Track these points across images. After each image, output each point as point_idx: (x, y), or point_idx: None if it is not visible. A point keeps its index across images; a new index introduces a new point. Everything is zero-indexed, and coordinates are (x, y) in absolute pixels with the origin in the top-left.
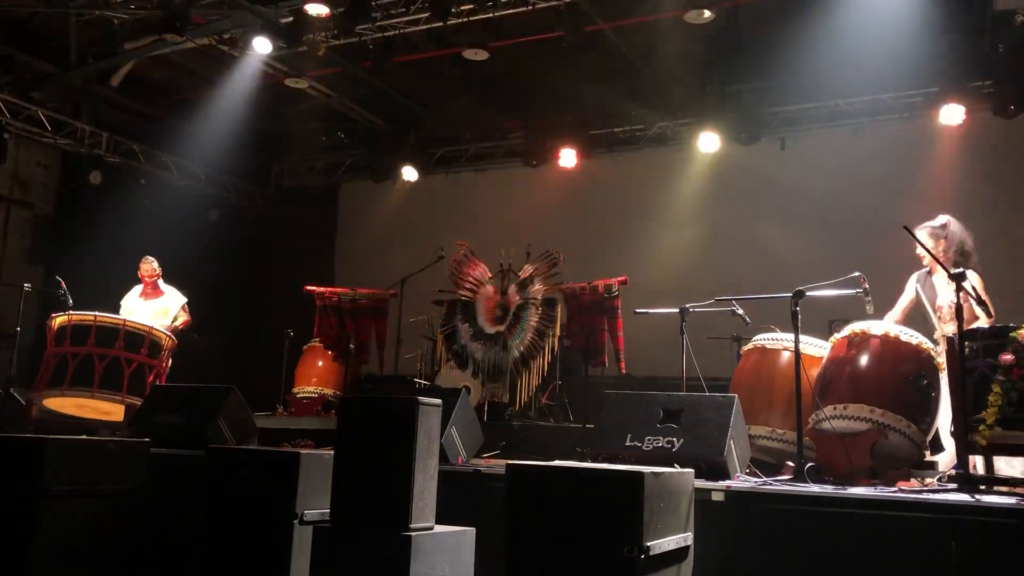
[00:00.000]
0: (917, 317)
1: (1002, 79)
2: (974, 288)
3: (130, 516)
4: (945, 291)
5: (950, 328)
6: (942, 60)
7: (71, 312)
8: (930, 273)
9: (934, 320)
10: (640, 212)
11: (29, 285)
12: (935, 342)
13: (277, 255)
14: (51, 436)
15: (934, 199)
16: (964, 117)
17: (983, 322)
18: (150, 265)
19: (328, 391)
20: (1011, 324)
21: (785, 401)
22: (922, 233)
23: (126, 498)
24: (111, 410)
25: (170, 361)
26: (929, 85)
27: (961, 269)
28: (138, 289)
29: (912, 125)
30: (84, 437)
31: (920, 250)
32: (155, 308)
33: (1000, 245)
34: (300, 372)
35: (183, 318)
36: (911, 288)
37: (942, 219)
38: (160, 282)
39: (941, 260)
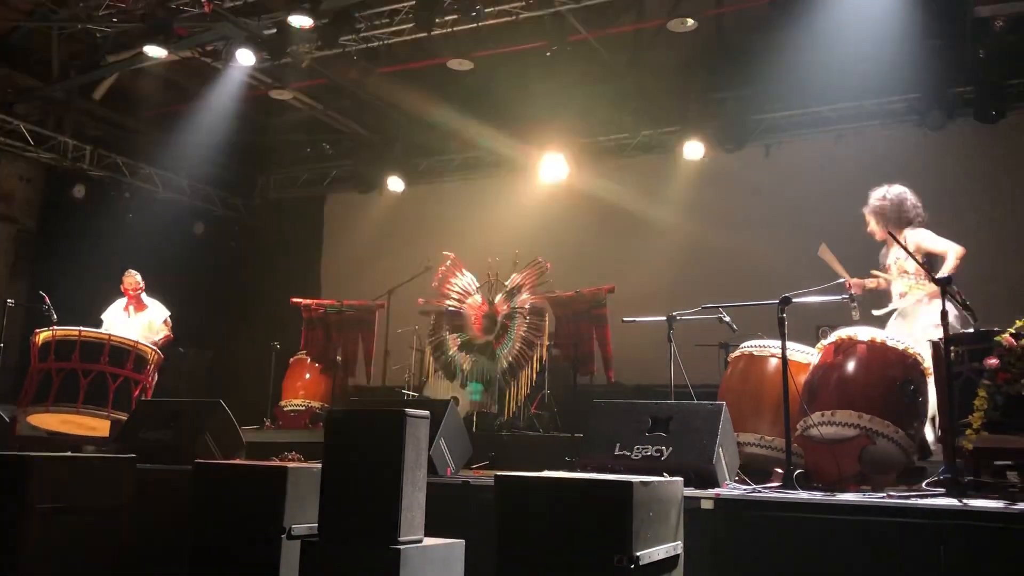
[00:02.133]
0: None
1: (983, 84)
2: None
3: (116, 533)
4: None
5: (900, 283)
6: (924, 66)
7: (55, 327)
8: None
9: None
10: (626, 220)
11: (12, 301)
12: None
13: (263, 267)
14: (35, 453)
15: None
16: (946, 123)
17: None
18: (133, 278)
19: (315, 404)
20: (995, 328)
21: (773, 408)
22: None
23: (112, 515)
24: (96, 426)
25: (156, 376)
26: (911, 91)
27: (947, 274)
28: (121, 303)
29: (895, 131)
30: (69, 454)
31: (872, 226)
32: (139, 322)
33: (983, 248)
34: (287, 385)
35: (164, 333)
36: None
37: (880, 191)
38: (143, 296)
39: (889, 229)
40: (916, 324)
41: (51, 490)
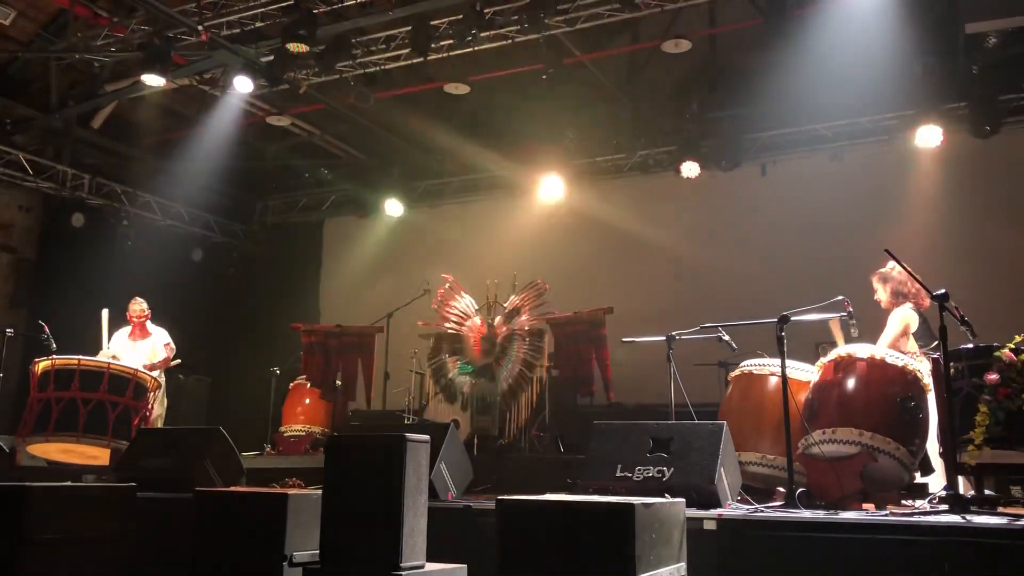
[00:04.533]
0: None
1: (976, 100)
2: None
3: (117, 562)
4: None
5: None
6: (917, 83)
7: (55, 356)
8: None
9: None
10: (624, 240)
11: (12, 330)
12: None
13: (262, 293)
14: (35, 483)
15: (914, 219)
16: (942, 138)
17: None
18: (139, 306)
19: (316, 429)
20: (995, 344)
21: (774, 426)
22: (874, 280)
23: (113, 544)
24: (96, 454)
25: (166, 401)
26: (905, 108)
27: (943, 291)
28: (126, 330)
29: (890, 147)
30: (69, 483)
31: (877, 295)
32: (143, 349)
33: (979, 262)
34: (287, 410)
35: (164, 354)
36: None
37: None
38: (148, 323)
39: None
40: None
41: (50, 521)
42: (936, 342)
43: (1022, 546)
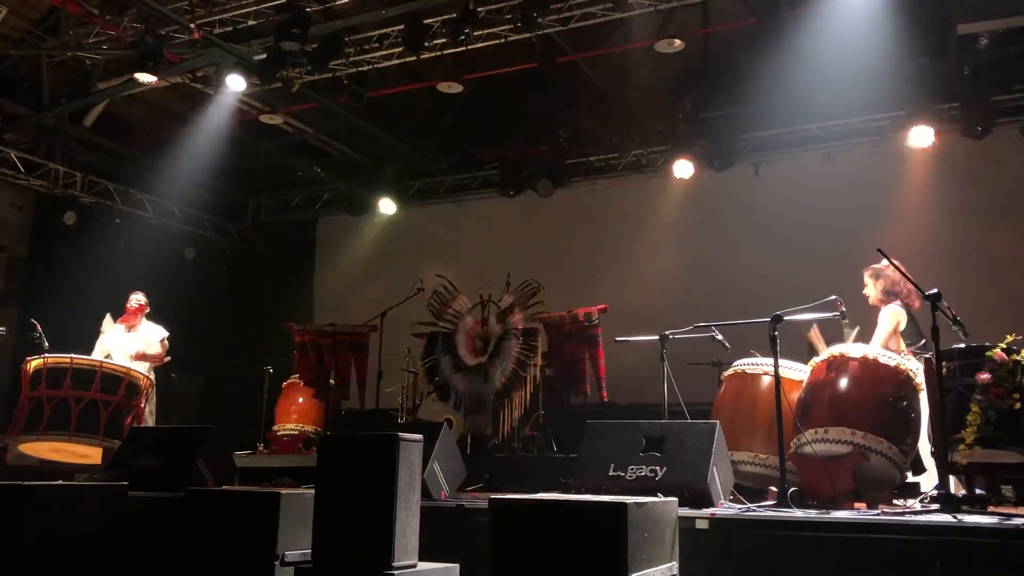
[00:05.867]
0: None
1: (969, 101)
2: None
3: (109, 561)
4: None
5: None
6: (910, 83)
7: (47, 355)
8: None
9: None
10: (617, 240)
11: (3, 328)
12: None
13: (255, 292)
14: (26, 482)
15: (906, 219)
16: (934, 139)
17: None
18: (137, 296)
19: (309, 428)
20: (987, 343)
21: (767, 426)
22: (866, 275)
23: (104, 543)
24: (88, 453)
25: (155, 399)
26: (898, 108)
27: (936, 290)
28: (119, 324)
29: (883, 148)
30: (60, 482)
31: (866, 289)
32: (137, 338)
33: (971, 263)
34: (280, 409)
35: (157, 350)
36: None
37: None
38: (146, 320)
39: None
40: None
41: (42, 520)
42: (924, 341)
43: (1013, 545)
